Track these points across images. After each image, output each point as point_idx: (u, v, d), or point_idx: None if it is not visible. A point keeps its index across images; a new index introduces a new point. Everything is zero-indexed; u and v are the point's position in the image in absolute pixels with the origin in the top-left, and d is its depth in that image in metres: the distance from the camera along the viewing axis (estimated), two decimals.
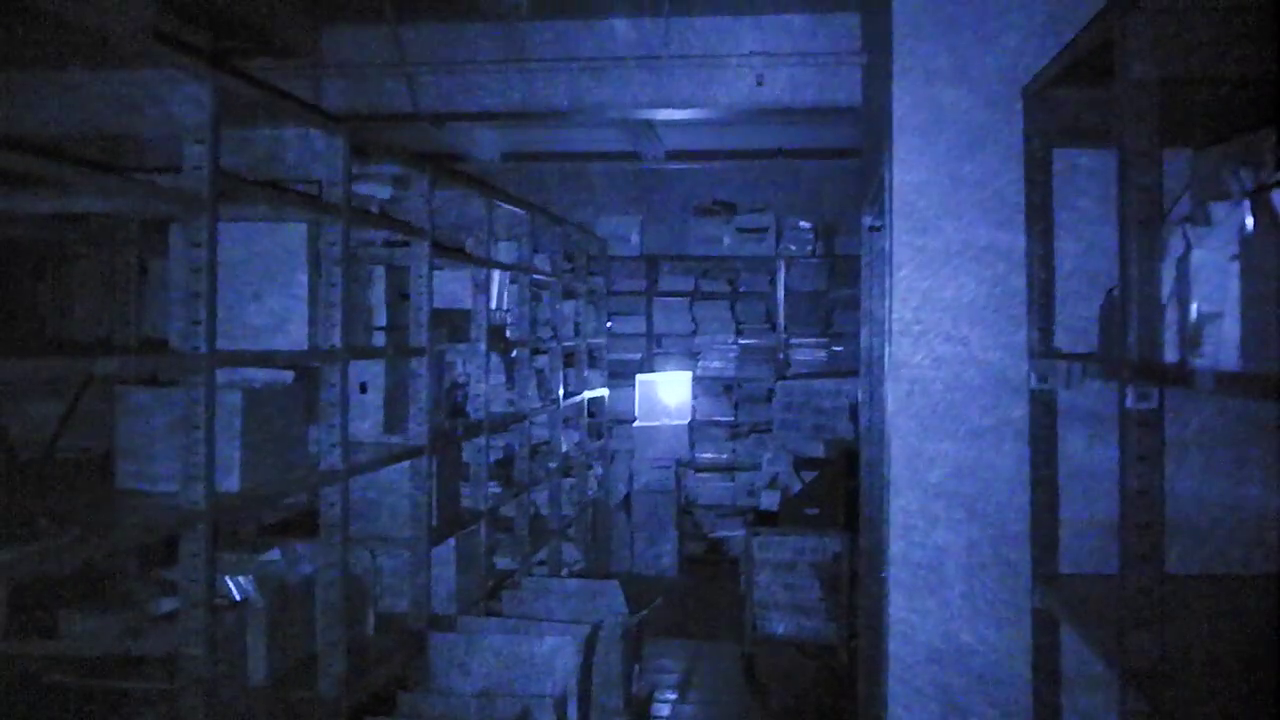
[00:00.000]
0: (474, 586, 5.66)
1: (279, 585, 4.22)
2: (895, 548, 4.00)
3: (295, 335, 3.98)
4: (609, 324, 10.37)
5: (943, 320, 3.95)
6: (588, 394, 8.86)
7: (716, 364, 10.72)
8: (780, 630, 7.46)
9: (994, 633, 3.90)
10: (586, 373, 8.84)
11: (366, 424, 4.85)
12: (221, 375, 3.38)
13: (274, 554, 4.34)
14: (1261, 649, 2.81)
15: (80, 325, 5.42)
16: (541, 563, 7.33)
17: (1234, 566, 3.59)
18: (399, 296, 4.99)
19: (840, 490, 7.33)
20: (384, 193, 4.99)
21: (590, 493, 8.95)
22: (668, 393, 10.40)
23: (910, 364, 3.98)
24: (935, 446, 3.96)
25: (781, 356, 10.37)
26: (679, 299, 10.81)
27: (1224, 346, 2.12)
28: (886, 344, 4.15)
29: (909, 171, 3.98)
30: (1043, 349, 3.57)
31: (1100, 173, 3.69)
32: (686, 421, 10.36)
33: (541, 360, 7.57)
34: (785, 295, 10.40)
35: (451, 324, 5.73)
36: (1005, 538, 3.90)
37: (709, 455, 10.65)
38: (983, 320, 3.91)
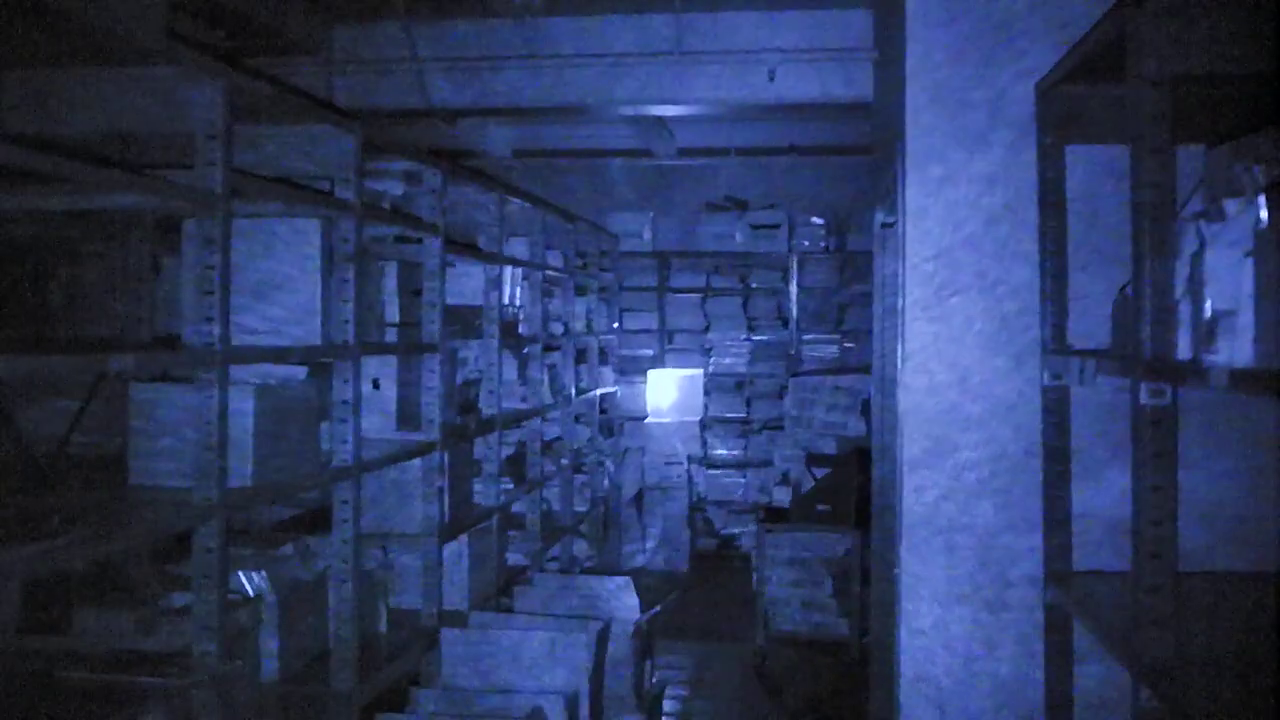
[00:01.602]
0: (486, 583, 5.66)
1: (291, 581, 4.23)
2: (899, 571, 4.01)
3: (308, 331, 3.99)
4: (620, 321, 10.37)
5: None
6: (599, 390, 8.86)
7: (728, 360, 10.72)
8: (792, 627, 7.46)
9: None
10: (598, 369, 8.83)
11: (378, 420, 4.85)
12: (234, 372, 3.39)
13: (287, 550, 4.34)
14: (1273, 647, 2.80)
15: (93, 322, 5.43)
16: (553, 559, 7.33)
17: (1246, 564, 3.58)
18: (411, 293, 4.99)
19: (852, 487, 7.33)
20: (396, 189, 4.99)
21: (602, 489, 8.95)
22: (679, 389, 10.40)
23: (913, 391, 3.97)
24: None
25: (794, 353, 10.37)
26: (691, 295, 10.81)
27: (1238, 343, 2.11)
28: (898, 366, 4.14)
29: (918, 192, 3.98)
30: (1055, 345, 3.56)
31: (1114, 169, 3.69)
32: (698, 418, 10.36)
33: (553, 356, 7.56)
34: (797, 292, 10.40)
35: (463, 320, 5.73)
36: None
37: (721, 452, 10.65)
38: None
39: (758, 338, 10.70)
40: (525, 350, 6.77)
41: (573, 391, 7.73)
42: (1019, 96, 3.81)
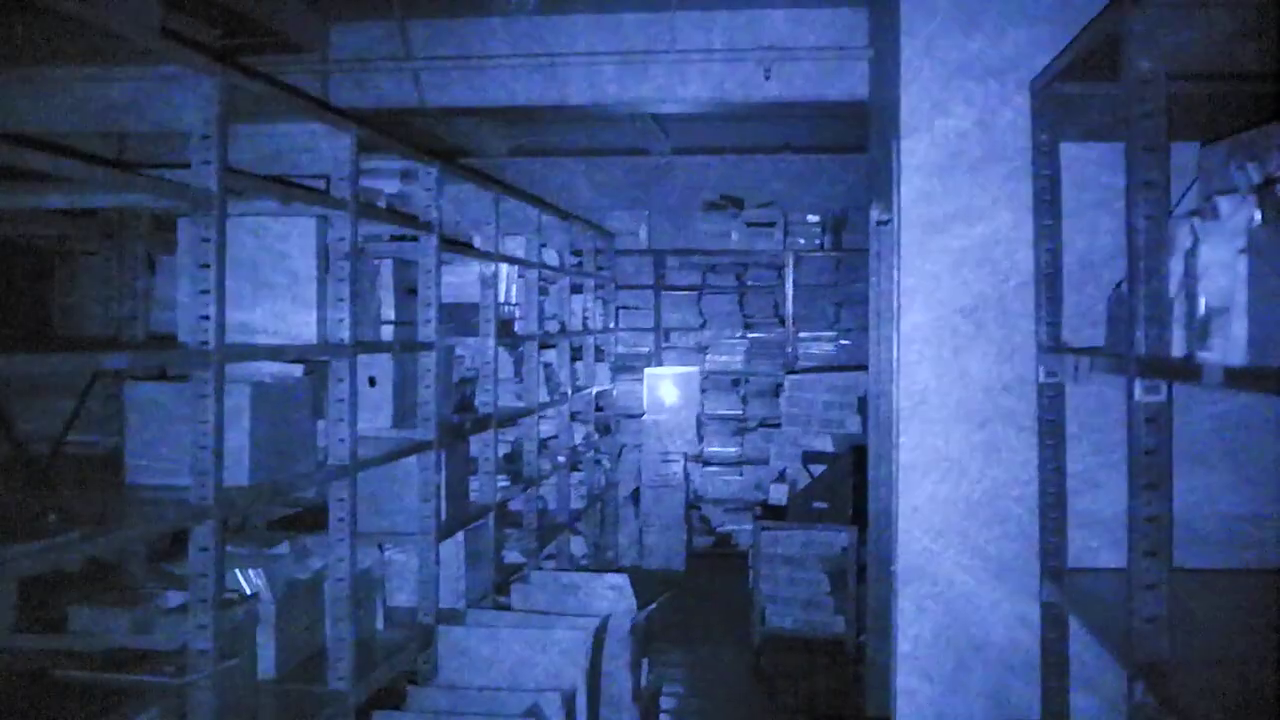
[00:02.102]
0: (482, 581, 5.66)
1: (288, 580, 4.23)
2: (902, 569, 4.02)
3: (304, 330, 3.99)
4: (616, 318, 10.37)
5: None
6: (596, 388, 8.87)
7: (724, 358, 10.72)
8: (788, 624, 7.47)
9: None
10: (594, 367, 8.84)
11: (375, 418, 4.85)
12: (230, 370, 3.38)
13: (283, 548, 4.34)
14: (1268, 644, 2.81)
15: (89, 321, 5.43)
16: (550, 557, 7.34)
17: (1241, 562, 3.59)
18: (407, 291, 4.99)
19: (848, 485, 7.33)
20: (392, 187, 4.99)
21: (598, 487, 8.95)
22: (676, 387, 10.40)
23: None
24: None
25: (789, 351, 10.37)
26: (687, 293, 10.80)
27: (1231, 340, 2.12)
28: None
29: (916, 191, 3.97)
30: (1051, 343, 3.57)
31: (1109, 166, 3.69)
32: (694, 416, 10.36)
33: (549, 354, 7.56)
34: (793, 289, 10.40)
35: (459, 318, 5.73)
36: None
37: (717, 449, 10.65)
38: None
39: (754, 335, 10.70)
40: (521, 348, 6.77)
41: (569, 389, 7.73)
42: (1020, 88, 3.80)
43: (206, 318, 3.24)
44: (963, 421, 3.92)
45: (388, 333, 4.89)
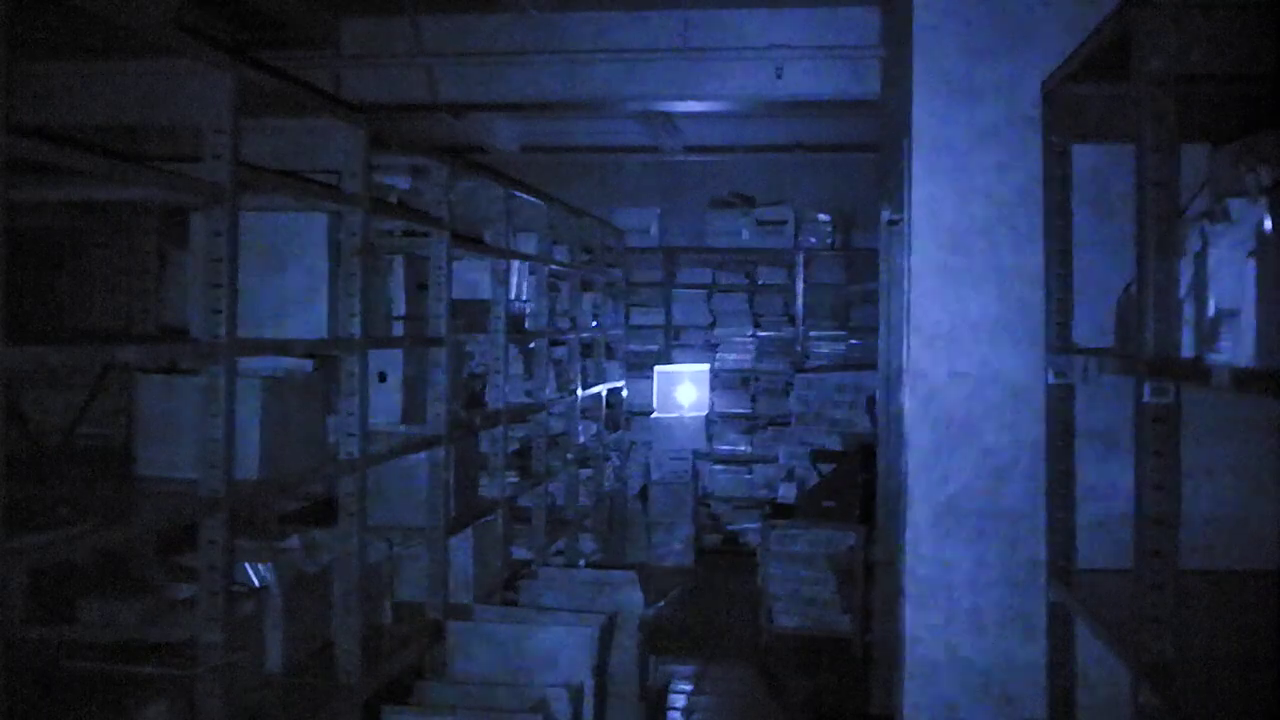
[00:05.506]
0: (491, 576, 5.67)
1: (297, 573, 4.24)
2: (910, 559, 4.01)
3: (315, 324, 4.00)
4: (627, 316, 10.38)
5: (963, 336, 3.94)
6: (605, 385, 8.87)
7: (734, 357, 10.72)
8: (796, 622, 7.47)
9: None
10: (604, 364, 8.84)
11: (385, 413, 4.86)
12: (241, 363, 3.39)
13: (292, 542, 4.35)
14: (1274, 645, 2.81)
15: (100, 314, 5.45)
16: (559, 553, 7.34)
17: (1248, 563, 3.59)
18: (418, 286, 5.00)
19: (857, 484, 7.33)
20: (403, 183, 5.00)
21: (607, 484, 8.96)
22: (685, 385, 10.40)
23: (928, 378, 3.97)
24: (950, 462, 3.96)
25: (799, 349, 10.37)
26: (697, 291, 10.80)
27: (1240, 343, 2.12)
28: (904, 356, 4.14)
29: (927, 186, 3.98)
30: (1060, 344, 3.57)
31: (1119, 169, 3.69)
32: (704, 414, 10.37)
33: (559, 351, 7.57)
34: (804, 288, 10.40)
35: (470, 314, 5.74)
36: (1016, 557, 3.91)
37: (726, 448, 10.66)
38: (1004, 338, 3.90)
39: (764, 334, 10.70)
40: (531, 345, 6.78)
41: (579, 386, 7.74)
42: (1031, 87, 3.80)
43: (218, 312, 3.25)
44: (978, 430, 3.92)
45: (398, 328, 4.90)
